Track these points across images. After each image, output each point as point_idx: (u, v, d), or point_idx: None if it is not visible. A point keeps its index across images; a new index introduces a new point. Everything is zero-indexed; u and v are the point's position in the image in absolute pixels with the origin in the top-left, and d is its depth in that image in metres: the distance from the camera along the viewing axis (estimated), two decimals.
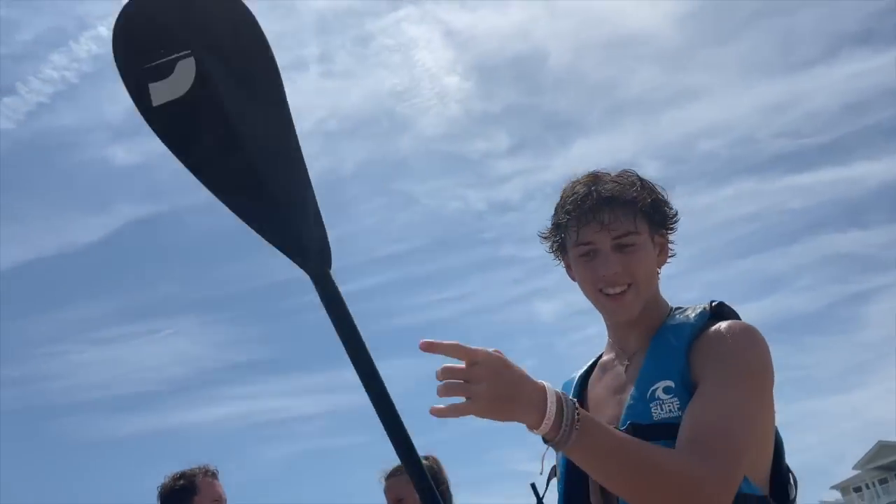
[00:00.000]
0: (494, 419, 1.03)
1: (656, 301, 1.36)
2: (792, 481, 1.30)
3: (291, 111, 1.27)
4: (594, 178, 1.33)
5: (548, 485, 1.38)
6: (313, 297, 1.20)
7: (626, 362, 1.36)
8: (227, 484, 2.57)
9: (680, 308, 1.37)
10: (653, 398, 1.22)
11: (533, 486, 1.39)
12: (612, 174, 1.35)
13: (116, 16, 1.21)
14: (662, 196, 1.36)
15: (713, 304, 1.32)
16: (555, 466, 1.38)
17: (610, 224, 1.28)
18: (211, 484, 2.51)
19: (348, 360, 1.18)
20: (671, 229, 1.38)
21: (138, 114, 1.23)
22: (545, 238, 1.40)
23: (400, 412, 1.17)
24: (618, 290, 1.29)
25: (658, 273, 1.37)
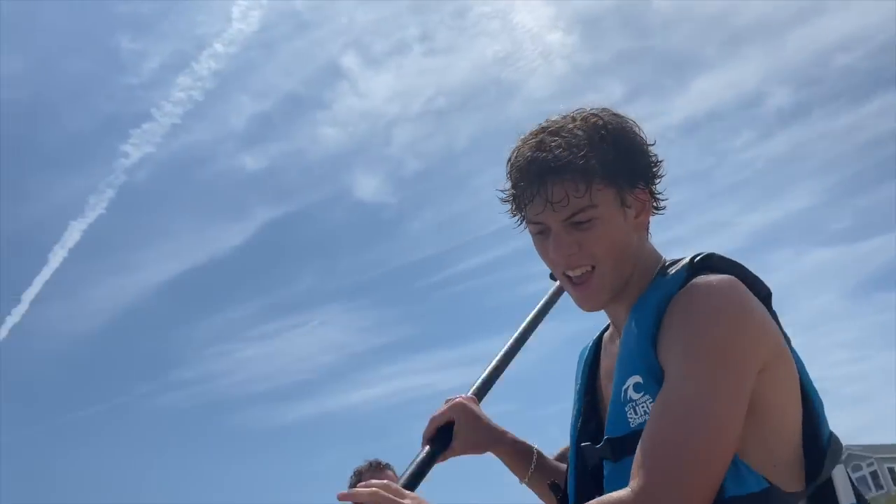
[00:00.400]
0: None
1: (644, 264, 1.13)
2: (829, 453, 1.04)
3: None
4: (539, 140, 1.08)
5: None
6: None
7: (617, 340, 1.15)
8: (397, 459, 2.62)
9: (672, 264, 1.13)
10: (626, 399, 1.04)
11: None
12: (568, 125, 1.09)
13: None
14: (634, 143, 1.11)
15: (696, 259, 1.09)
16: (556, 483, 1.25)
17: (557, 201, 1.05)
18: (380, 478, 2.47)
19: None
20: (652, 182, 1.13)
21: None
22: (504, 201, 1.16)
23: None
24: (579, 272, 1.10)
25: (644, 236, 1.15)
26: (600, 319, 1.24)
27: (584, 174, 1.05)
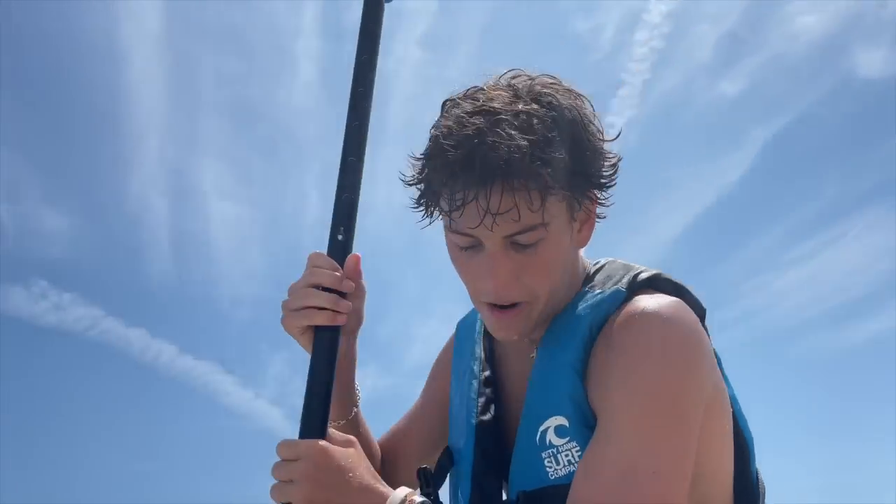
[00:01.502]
0: None
1: (570, 282, 0.95)
2: (760, 492, 0.99)
3: None
4: (485, 124, 0.82)
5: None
6: None
7: (531, 355, 0.97)
8: None
9: (599, 270, 0.97)
10: (544, 444, 0.87)
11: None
12: (519, 105, 0.84)
13: None
14: (594, 139, 0.89)
15: (636, 277, 0.92)
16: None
17: (504, 212, 0.82)
18: None
19: None
20: (605, 189, 0.92)
21: None
22: (408, 184, 0.92)
23: None
24: (506, 302, 0.89)
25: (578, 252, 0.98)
26: None
27: (541, 183, 0.81)
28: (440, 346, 1.22)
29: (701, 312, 0.94)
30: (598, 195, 0.91)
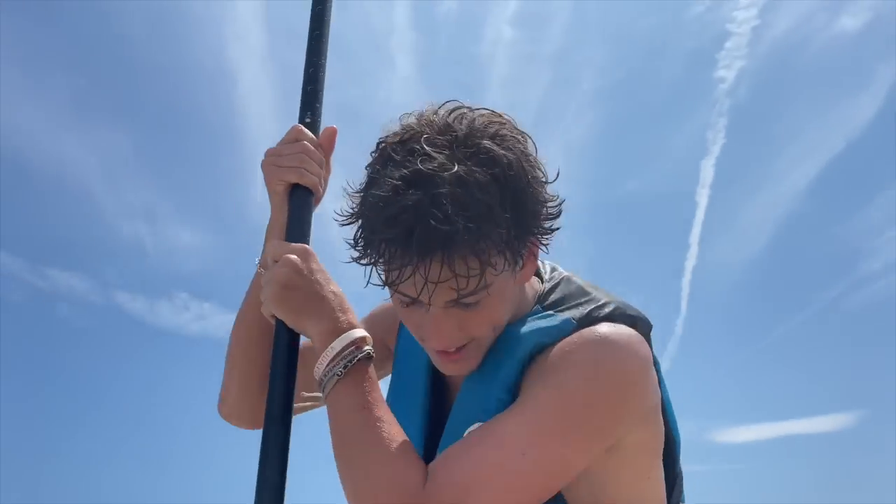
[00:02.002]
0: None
1: (511, 311, 0.94)
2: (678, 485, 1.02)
3: None
4: (417, 198, 0.79)
5: None
6: None
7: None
8: None
9: (552, 290, 0.97)
10: None
11: None
12: (456, 168, 0.80)
13: None
14: (536, 185, 0.86)
15: (592, 312, 0.91)
16: None
17: (444, 280, 0.81)
18: None
19: None
20: (543, 232, 0.90)
21: None
22: (343, 224, 0.90)
23: None
24: (452, 349, 0.90)
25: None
26: None
27: (482, 250, 0.80)
28: None
29: (648, 326, 0.94)
30: (541, 238, 0.90)
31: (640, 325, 0.92)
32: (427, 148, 0.82)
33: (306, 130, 1.06)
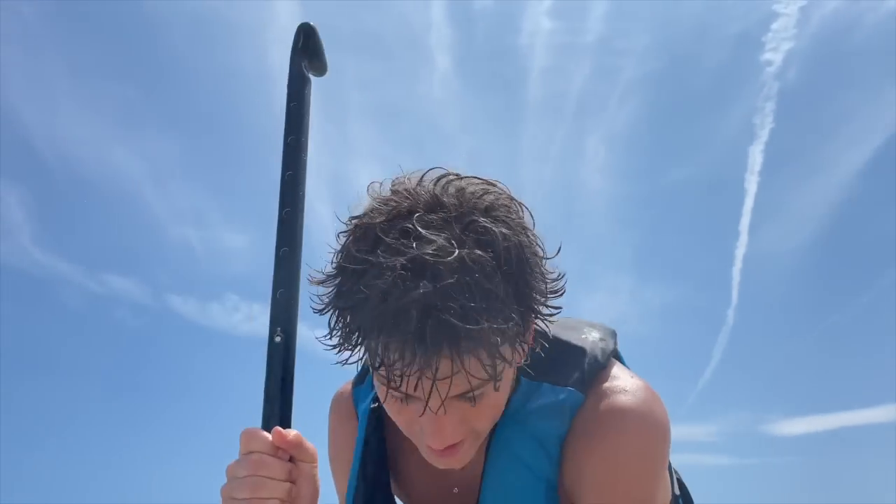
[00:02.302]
0: None
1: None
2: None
3: None
4: (423, 291, 0.69)
5: None
6: None
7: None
8: None
9: (536, 378, 0.89)
10: None
11: None
12: (457, 253, 0.71)
13: None
14: (539, 267, 0.78)
15: (590, 368, 0.89)
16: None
17: (446, 377, 0.72)
18: None
19: None
20: (547, 316, 0.81)
21: None
22: (321, 313, 0.78)
23: None
24: (447, 444, 0.81)
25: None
26: None
27: (493, 344, 0.71)
28: None
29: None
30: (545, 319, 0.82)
31: (614, 343, 0.95)
32: (421, 230, 0.72)
33: (261, 435, 0.80)
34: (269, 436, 0.80)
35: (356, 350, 0.74)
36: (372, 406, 0.99)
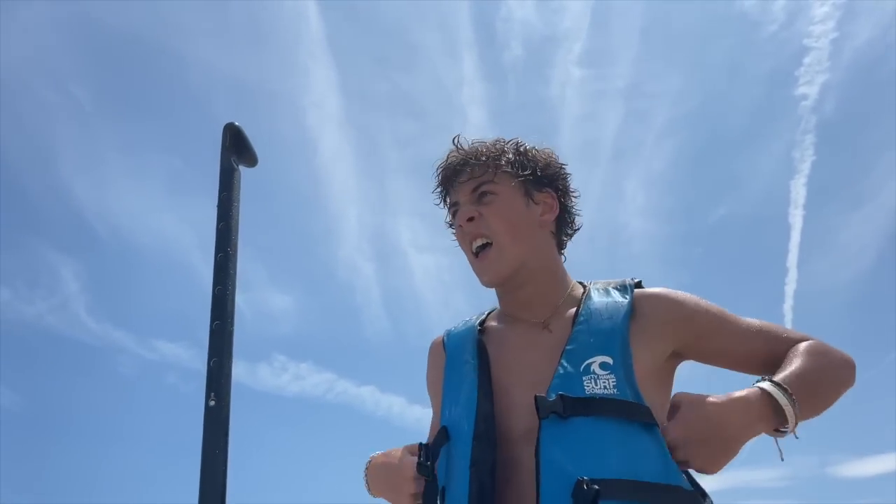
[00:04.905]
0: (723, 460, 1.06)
1: (553, 271, 1.29)
2: None
3: None
4: (462, 150, 1.31)
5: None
6: None
7: (541, 331, 1.23)
8: None
9: (593, 282, 1.30)
10: (587, 372, 1.11)
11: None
12: (488, 141, 1.31)
13: None
14: (544, 156, 1.31)
15: (634, 279, 1.28)
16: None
17: (465, 180, 1.27)
18: None
19: None
20: (558, 190, 1.31)
21: None
22: (438, 197, 1.36)
23: None
24: (479, 242, 1.25)
25: (551, 239, 1.30)
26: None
27: (490, 160, 1.26)
28: None
29: None
30: (552, 192, 1.30)
31: None
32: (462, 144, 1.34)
33: None
34: None
35: (442, 195, 1.34)
36: (477, 327, 1.31)
